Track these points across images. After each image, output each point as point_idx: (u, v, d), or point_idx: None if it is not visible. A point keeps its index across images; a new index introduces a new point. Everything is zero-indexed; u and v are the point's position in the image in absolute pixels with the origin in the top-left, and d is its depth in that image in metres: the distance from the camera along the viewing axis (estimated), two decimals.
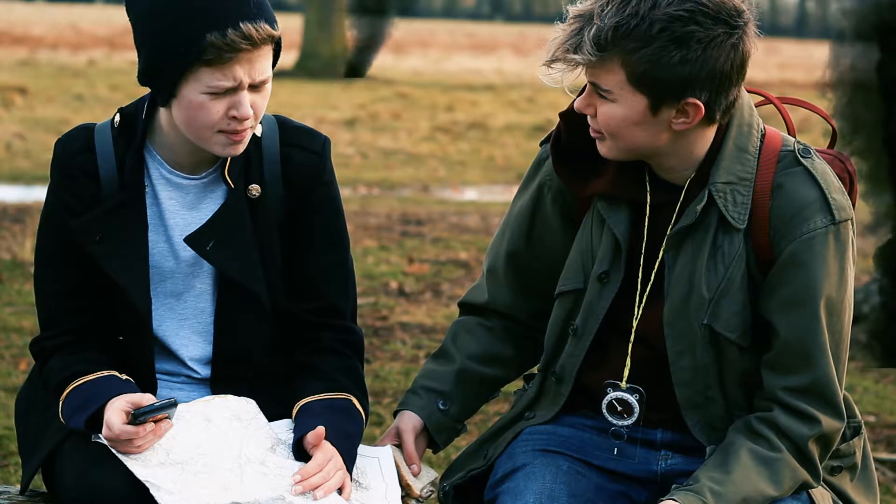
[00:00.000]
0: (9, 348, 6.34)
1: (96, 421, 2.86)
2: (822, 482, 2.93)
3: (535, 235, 3.06)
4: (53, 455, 2.95)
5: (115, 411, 2.81)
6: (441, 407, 3.10)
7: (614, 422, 2.96)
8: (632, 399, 2.94)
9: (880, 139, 7.15)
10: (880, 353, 6.97)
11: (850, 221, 2.86)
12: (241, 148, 2.92)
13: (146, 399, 2.84)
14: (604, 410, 2.96)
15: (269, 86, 2.91)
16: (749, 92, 2.94)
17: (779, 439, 2.83)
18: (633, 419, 2.95)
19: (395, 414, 3.16)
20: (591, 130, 2.86)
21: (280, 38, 2.89)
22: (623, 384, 2.95)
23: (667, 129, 2.80)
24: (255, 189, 3.00)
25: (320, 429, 2.90)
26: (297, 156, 3.03)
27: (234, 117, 2.86)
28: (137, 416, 2.79)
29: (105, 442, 2.85)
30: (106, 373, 2.94)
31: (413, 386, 3.15)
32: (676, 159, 2.86)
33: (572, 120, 2.92)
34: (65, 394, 2.93)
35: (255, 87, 2.87)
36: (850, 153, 6.83)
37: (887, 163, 7.31)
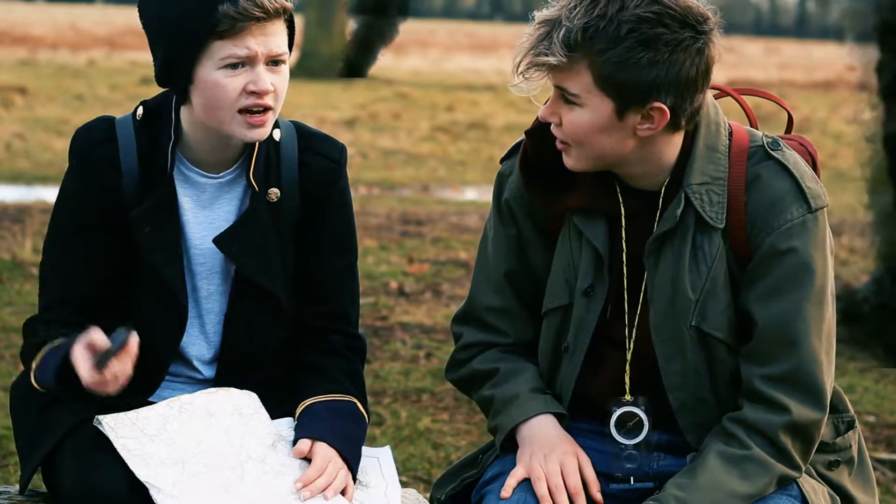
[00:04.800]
0: (9, 348, 6.35)
1: (65, 374, 2.85)
2: (818, 477, 2.94)
3: (523, 250, 3.03)
4: (53, 454, 2.95)
5: (80, 359, 2.79)
6: (549, 392, 3.00)
7: (625, 441, 2.94)
8: (639, 412, 2.93)
9: None
10: (880, 353, 6.97)
11: (826, 209, 2.87)
12: (264, 133, 2.92)
13: (100, 339, 2.80)
14: (612, 430, 2.94)
15: (286, 67, 2.93)
16: None
17: (748, 436, 2.83)
18: (644, 432, 2.93)
19: (510, 432, 2.95)
20: (557, 142, 2.85)
21: (293, 15, 2.92)
22: (628, 397, 2.94)
23: (632, 135, 2.80)
24: (274, 193, 3.01)
25: (303, 445, 2.91)
26: (316, 162, 3.05)
27: (253, 92, 2.87)
28: (101, 363, 2.76)
29: (103, 429, 2.85)
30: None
31: (512, 398, 2.96)
32: (644, 167, 2.86)
33: (539, 137, 2.92)
34: (41, 354, 2.93)
35: (272, 66, 2.89)
36: None
37: (887, 162, 7.31)
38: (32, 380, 2.94)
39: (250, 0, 2.82)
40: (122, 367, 2.79)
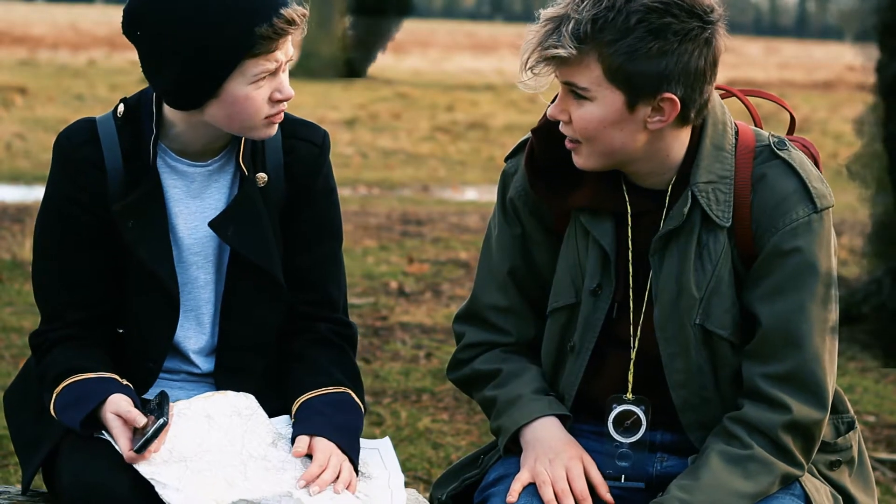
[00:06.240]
0: (9, 348, 6.34)
1: (91, 420, 2.87)
2: (820, 477, 2.94)
3: (527, 249, 3.03)
4: (53, 454, 2.95)
5: (119, 434, 2.83)
6: (552, 393, 3.00)
7: (621, 439, 2.94)
8: (638, 411, 2.93)
9: None
10: (880, 353, 6.97)
11: (831, 209, 2.87)
12: (276, 128, 2.97)
13: (133, 413, 2.83)
14: (610, 427, 2.94)
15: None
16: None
17: (749, 436, 2.83)
18: (641, 433, 2.93)
19: (514, 433, 2.94)
20: (566, 141, 2.85)
21: None
22: (629, 395, 2.94)
23: (643, 128, 2.80)
24: (262, 178, 3.03)
25: (301, 444, 2.91)
26: (300, 147, 3.07)
27: (278, 100, 2.91)
28: (141, 449, 2.80)
29: (108, 438, 2.86)
30: (107, 375, 2.95)
31: (515, 399, 2.96)
32: (652, 164, 2.86)
33: (545, 135, 2.92)
34: (62, 386, 2.94)
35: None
36: None
37: (887, 162, 7.31)
38: (52, 410, 2.95)
39: (281, 17, 2.84)
40: (158, 444, 2.83)
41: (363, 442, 3.04)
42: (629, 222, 2.91)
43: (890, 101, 7.23)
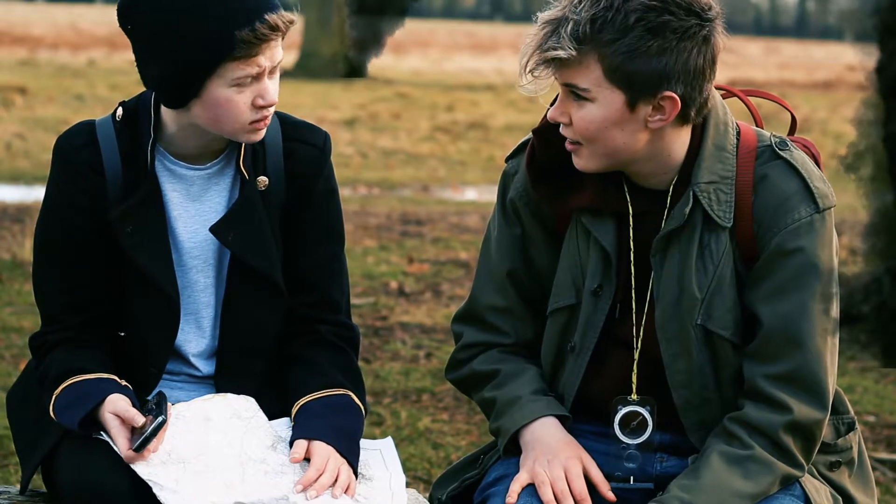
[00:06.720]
0: (9, 348, 6.35)
1: (90, 420, 2.88)
2: (820, 477, 2.94)
3: (527, 250, 3.03)
4: (52, 454, 2.95)
5: (117, 434, 2.83)
6: (551, 394, 3.00)
7: (628, 440, 2.94)
8: (644, 412, 2.93)
9: None
10: (880, 353, 6.97)
11: (833, 209, 2.87)
12: (263, 133, 2.96)
13: (132, 412, 2.84)
14: (616, 429, 2.94)
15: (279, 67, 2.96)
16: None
17: (750, 436, 2.83)
18: (647, 434, 2.94)
19: (513, 434, 2.94)
20: (567, 143, 2.85)
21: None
22: (634, 396, 2.94)
23: (644, 128, 2.80)
24: (262, 182, 3.02)
25: (299, 448, 2.91)
26: (300, 150, 3.07)
27: (261, 106, 2.90)
28: (139, 448, 2.80)
29: (107, 438, 2.86)
30: (106, 375, 2.95)
31: (514, 400, 2.96)
32: (653, 164, 2.86)
33: (546, 136, 2.92)
34: (61, 387, 2.94)
35: (271, 71, 2.91)
36: None
37: (887, 162, 7.31)
38: (51, 412, 2.95)
39: (265, 22, 2.83)
40: (157, 443, 2.84)
41: (365, 443, 3.03)
42: (630, 223, 2.91)
43: (890, 101, 7.23)
